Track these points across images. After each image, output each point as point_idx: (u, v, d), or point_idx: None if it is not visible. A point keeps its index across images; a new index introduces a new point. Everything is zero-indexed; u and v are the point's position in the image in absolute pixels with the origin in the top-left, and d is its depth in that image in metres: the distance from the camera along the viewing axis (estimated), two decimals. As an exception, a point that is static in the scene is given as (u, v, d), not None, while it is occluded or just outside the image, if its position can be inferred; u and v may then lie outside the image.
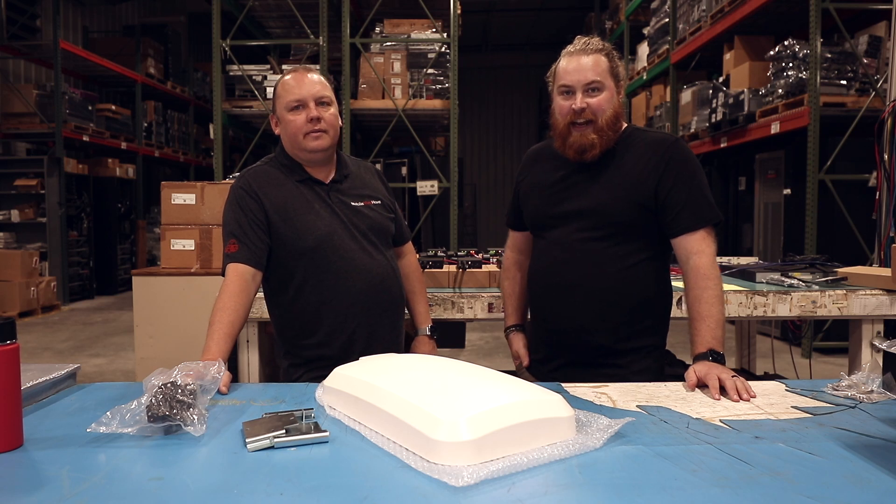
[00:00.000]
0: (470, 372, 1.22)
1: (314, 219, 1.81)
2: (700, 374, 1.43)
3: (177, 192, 3.82)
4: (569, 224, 1.76)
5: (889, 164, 2.95)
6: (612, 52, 1.72)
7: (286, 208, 1.81)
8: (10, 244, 8.15)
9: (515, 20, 13.82)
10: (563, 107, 1.70)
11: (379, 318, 1.87)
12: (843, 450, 1.05)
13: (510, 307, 2.04)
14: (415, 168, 7.24)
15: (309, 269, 1.81)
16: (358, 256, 1.83)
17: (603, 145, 1.70)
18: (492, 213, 14.75)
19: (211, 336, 1.60)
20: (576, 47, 1.70)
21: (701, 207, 1.68)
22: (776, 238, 6.08)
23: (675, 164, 1.70)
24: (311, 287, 1.82)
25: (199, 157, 12.19)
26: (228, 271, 1.74)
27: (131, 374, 4.85)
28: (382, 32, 6.85)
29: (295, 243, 1.79)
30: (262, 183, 1.84)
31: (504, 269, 2.07)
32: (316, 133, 1.80)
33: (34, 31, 8.44)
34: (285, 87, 1.81)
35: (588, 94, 1.68)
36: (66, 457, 1.04)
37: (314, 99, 1.80)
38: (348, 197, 1.88)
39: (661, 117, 8.34)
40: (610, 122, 1.69)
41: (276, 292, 1.88)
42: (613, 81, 1.70)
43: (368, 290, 1.83)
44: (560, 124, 1.72)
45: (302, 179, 1.86)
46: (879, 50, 5.33)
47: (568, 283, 1.75)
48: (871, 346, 2.34)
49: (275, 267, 1.83)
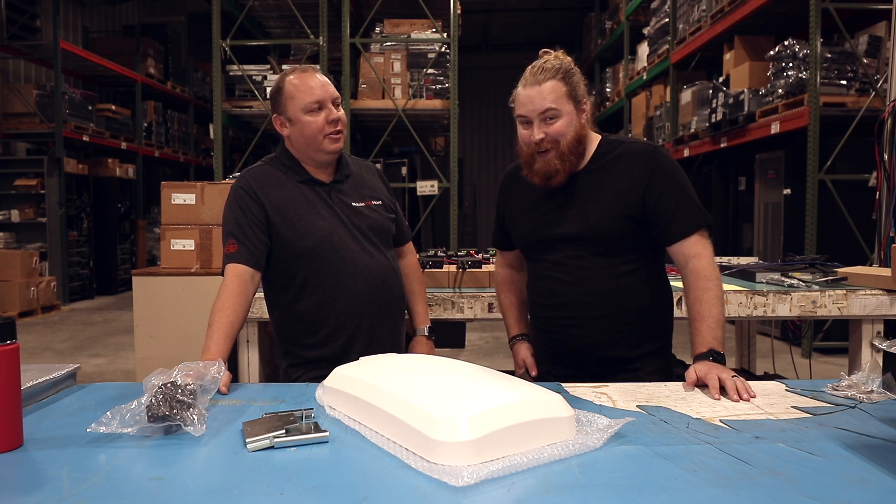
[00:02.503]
0: (470, 372, 1.22)
1: (315, 219, 1.80)
2: (700, 373, 1.43)
3: (177, 192, 3.82)
4: (562, 246, 1.74)
5: (889, 164, 2.95)
6: (570, 71, 1.67)
7: (287, 209, 1.80)
8: (10, 244, 8.16)
9: (515, 20, 13.81)
10: (524, 136, 1.69)
11: (380, 319, 1.86)
12: (843, 450, 1.05)
13: (511, 318, 2.01)
14: (415, 168, 7.24)
15: (310, 269, 1.80)
16: (359, 256, 1.82)
17: (567, 170, 1.68)
18: (492, 214, 14.42)
19: (210, 336, 1.60)
20: (532, 72, 1.67)
21: (691, 214, 1.67)
22: (776, 238, 6.09)
23: (660, 173, 1.68)
24: (311, 287, 1.81)
25: (199, 157, 12.19)
26: (227, 271, 1.73)
27: (131, 374, 4.86)
28: (382, 32, 6.86)
29: (295, 244, 1.79)
30: (263, 183, 1.83)
31: (498, 283, 2.04)
32: (335, 135, 1.80)
33: (34, 31, 8.45)
34: (300, 89, 1.78)
35: (545, 123, 1.65)
36: (66, 457, 1.04)
37: (332, 100, 1.79)
38: (349, 197, 1.87)
39: (661, 117, 8.35)
40: (571, 146, 1.66)
41: (277, 292, 1.87)
42: (572, 104, 1.66)
43: (369, 290, 1.83)
44: (524, 153, 1.71)
45: (303, 180, 1.85)
46: (879, 50, 5.33)
47: (571, 302, 1.74)
48: (871, 346, 2.34)
49: (275, 267, 1.83)
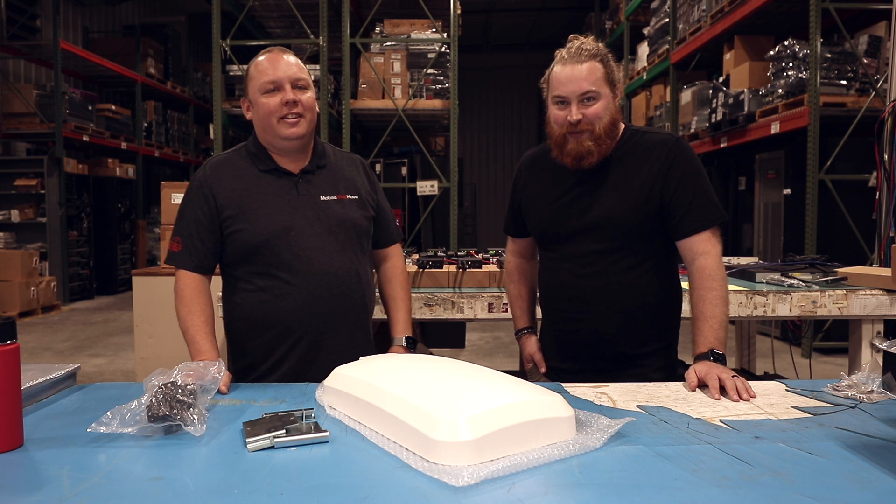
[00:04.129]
0: (470, 372, 1.22)
1: (270, 212, 1.68)
2: (700, 373, 1.43)
3: (177, 192, 3.83)
4: (581, 237, 1.72)
5: (889, 164, 2.95)
6: (608, 55, 1.67)
7: (243, 200, 1.68)
8: (10, 244, 8.15)
9: (515, 20, 13.82)
10: (559, 116, 1.67)
11: (332, 327, 1.70)
12: (843, 450, 1.05)
13: (518, 310, 1.98)
14: (415, 168, 7.24)
15: (261, 264, 1.67)
16: (315, 256, 1.68)
17: (601, 153, 1.67)
18: (492, 213, 14.74)
19: (194, 338, 1.59)
20: (570, 52, 1.65)
21: (706, 208, 1.66)
22: (776, 238, 6.09)
23: (679, 164, 1.67)
24: (260, 284, 1.68)
25: (199, 157, 12.19)
26: (180, 276, 1.68)
27: (131, 374, 4.85)
28: (382, 32, 6.85)
29: (247, 237, 1.67)
30: (222, 174, 1.72)
31: (507, 273, 2.01)
32: (292, 118, 1.67)
33: (34, 31, 8.45)
34: (258, 69, 1.68)
35: (583, 105, 1.63)
36: (66, 457, 1.04)
37: (290, 81, 1.67)
38: (319, 189, 1.73)
39: (661, 117, 8.34)
40: (607, 129, 1.66)
41: (229, 285, 1.76)
42: (609, 88, 1.65)
43: (323, 295, 1.68)
44: (556, 133, 1.69)
45: (268, 169, 1.72)
46: (879, 50, 5.33)
47: (586, 295, 1.73)
48: (871, 346, 2.34)
49: (229, 260, 1.72)
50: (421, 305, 2.33)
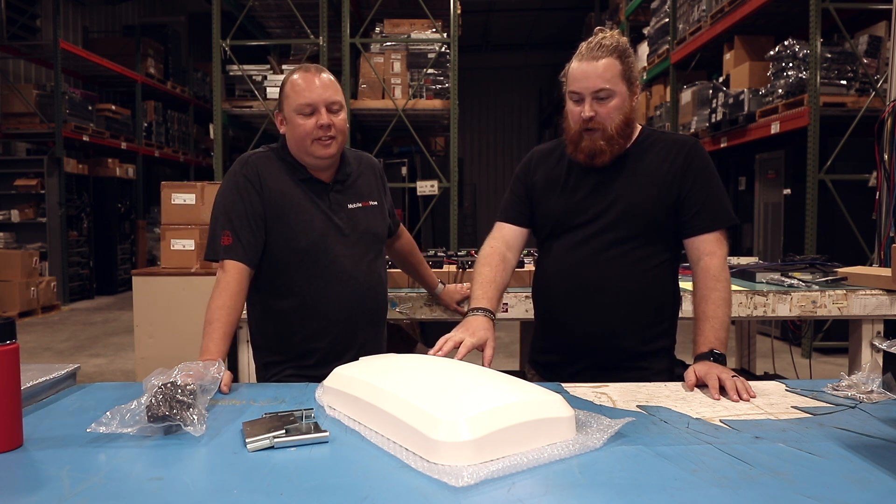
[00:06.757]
0: (470, 372, 1.22)
1: (309, 219, 1.76)
2: (700, 373, 1.43)
3: (177, 192, 3.83)
4: (595, 225, 1.71)
5: (889, 164, 2.95)
6: (626, 50, 1.65)
7: (283, 205, 1.75)
8: (10, 244, 8.16)
9: (515, 20, 13.82)
10: (574, 112, 1.67)
11: (363, 328, 1.82)
12: (843, 450, 1.05)
13: (484, 291, 1.68)
14: (415, 168, 7.25)
15: (298, 270, 1.75)
16: (347, 263, 1.78)
17: (613, 152, 1.67)
18: (492, 213, 14.66)
19: (210, 335, 1.58)
20: (588, 47, 1.64)
21: (718, 210, 1.67)
22: (776, 238, 6.09)
23: (697, 164, 1.68)
24: (298, 288, 1.76)
25: (199, 157, 12.20)
26: (228, 268, 1.68)
27: (131, 374, 4.85)
28: (382, 32, 6.86)
29: (288, 243, 1.74)
30: (267, 173, 1.77)
31: (484, 255, 1.78)
32: (326, 141, 1.72)
33: (34, 31, 8.45)
34: (295, 88, 1.72)
35: (597, 102, 1.63)
36: (66, 457, 1.04)
37: (325, 104, 1.71)
38: (347, 198, 1.83)
39: (661, 117, 8.34)
40: (620, 128, 1.65)
41: (260, 289, 1.81)
42: (626, 85, 1.64)
43: (356, 300, 1.79)
44: (572, 129, 1.69)
45: (303, 178, 1.80)
46: (879, 50, 5.33)
47: (595, 285, 1.71)
48: (871, 346, 2.34)
49: (262, 263, 1.77)
50: (421, 305, 2.33)
